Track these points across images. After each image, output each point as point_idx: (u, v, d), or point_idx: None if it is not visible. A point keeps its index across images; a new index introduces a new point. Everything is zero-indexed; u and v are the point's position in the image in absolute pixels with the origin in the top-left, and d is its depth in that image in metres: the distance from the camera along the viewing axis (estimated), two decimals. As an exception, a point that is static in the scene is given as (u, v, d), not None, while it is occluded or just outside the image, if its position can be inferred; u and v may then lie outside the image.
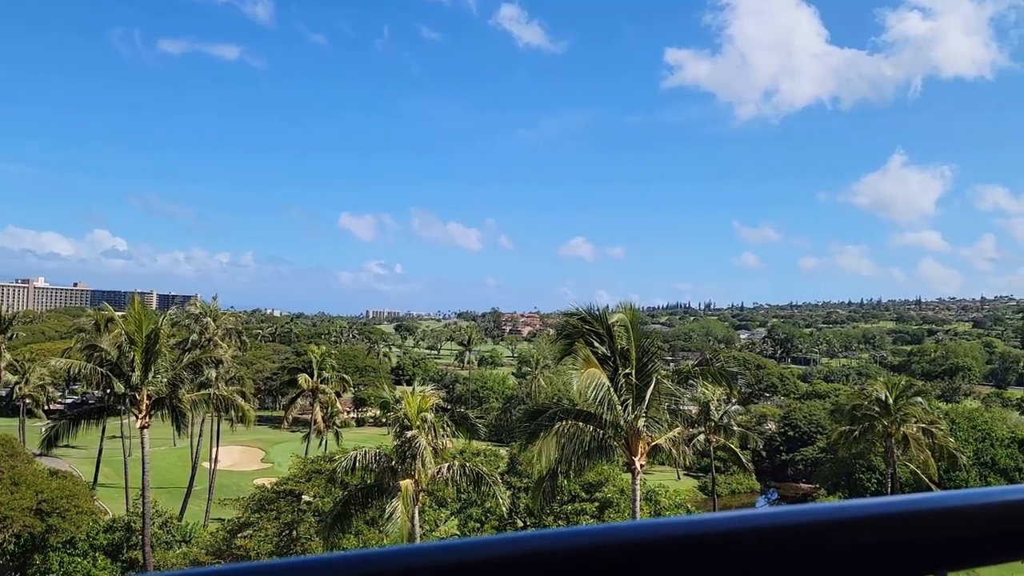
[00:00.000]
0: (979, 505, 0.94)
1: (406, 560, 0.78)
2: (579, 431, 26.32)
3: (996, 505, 0.94)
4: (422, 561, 0.78)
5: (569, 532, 0.84)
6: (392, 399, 28.75)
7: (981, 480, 70.18)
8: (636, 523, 0.84)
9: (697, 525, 0.85)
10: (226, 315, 69.97)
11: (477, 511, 40.53)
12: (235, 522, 39.34)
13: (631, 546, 0.81)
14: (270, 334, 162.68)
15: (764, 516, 0.87)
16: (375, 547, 24.49)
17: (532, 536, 0.83)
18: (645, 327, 32.21)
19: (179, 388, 37.79)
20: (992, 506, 0.94)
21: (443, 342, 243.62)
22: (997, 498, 0.95)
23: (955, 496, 0.93)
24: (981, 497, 0.95)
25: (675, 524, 0.85)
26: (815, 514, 0.86)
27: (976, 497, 0.95)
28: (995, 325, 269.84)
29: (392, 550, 0.79)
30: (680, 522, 0.85)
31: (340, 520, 27.28)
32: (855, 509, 0.89)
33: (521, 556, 0.80)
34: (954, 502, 0.92)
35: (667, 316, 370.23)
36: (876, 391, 52.67)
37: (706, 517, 0.86)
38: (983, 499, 0.95)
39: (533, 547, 0.81)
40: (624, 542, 0.81)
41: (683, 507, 41.86)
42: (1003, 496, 0.95)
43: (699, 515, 0.91)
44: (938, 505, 0.92)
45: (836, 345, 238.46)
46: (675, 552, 0.81)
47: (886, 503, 0.90)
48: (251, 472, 71.16)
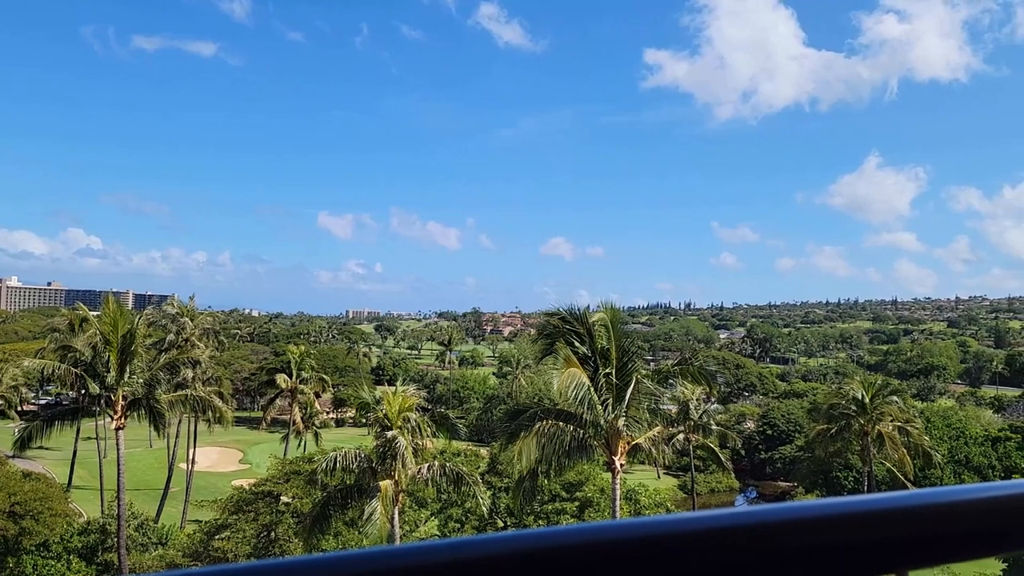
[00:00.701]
0: (939, 504, 0.93)
1: (403, 560, 0.77)
2: (559, 431, 26.31)
3: (955, 504, 0.94)
4: (419, 561, 0.77)
5: (547, 532, 0.83)
6: (371, 400, 28.55)
7: (955, 478, 71.16)
8: (602, 524, 0.84)
9: (657, 526, 0.83)
10: (203, 315, 69.30)
11: (457, 511, 40.44)
12: (212, 524, 38.93)
13: (597, 547, 0.80)
14: (248, 334, 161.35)
15: (724, 516, 0.86)
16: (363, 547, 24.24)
17: (520, 536, 0.82)
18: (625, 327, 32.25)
19: (155, 389, 37.38)
20: (951, 505, 0.94)
21: (423, 342, 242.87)
22: (956, 497, 0.95)
23: (915, 496, 0.93)
24: (941, 496, 0.94)
25: (635, 525, 0.83)
26: (775, 514, 0.86)
27: (936, 496, 0.94)
28: (969, 325, 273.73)
29: (387, 550, 0.79)
30: (639, 523, 0.84)
31: (319, 521, 27.08)
32: (814, 509, 0.89)
33: (510, 556, 0.79)
34: (914, 501, 0.92)
35: (648, 316, 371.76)
36: (853, 390, 53.24)
37: (664, 518, 0.85)
38: (943, 498, 0.94)
39: (521, 547, 0.80)
40: (588, 543, 0.80)
41: (663, 506, 42.07)
42: (962, 495, 0.95)
43: (656, 516, 0.89)
44: (898, 504, 0.91)
45: (814, 344, 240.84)
46: (636, 552, 0.80)
47: (846, 503, 0.90)
48: (229, 473, 70.51)
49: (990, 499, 0.96)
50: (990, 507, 0.95)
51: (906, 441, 50.97)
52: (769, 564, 0.83)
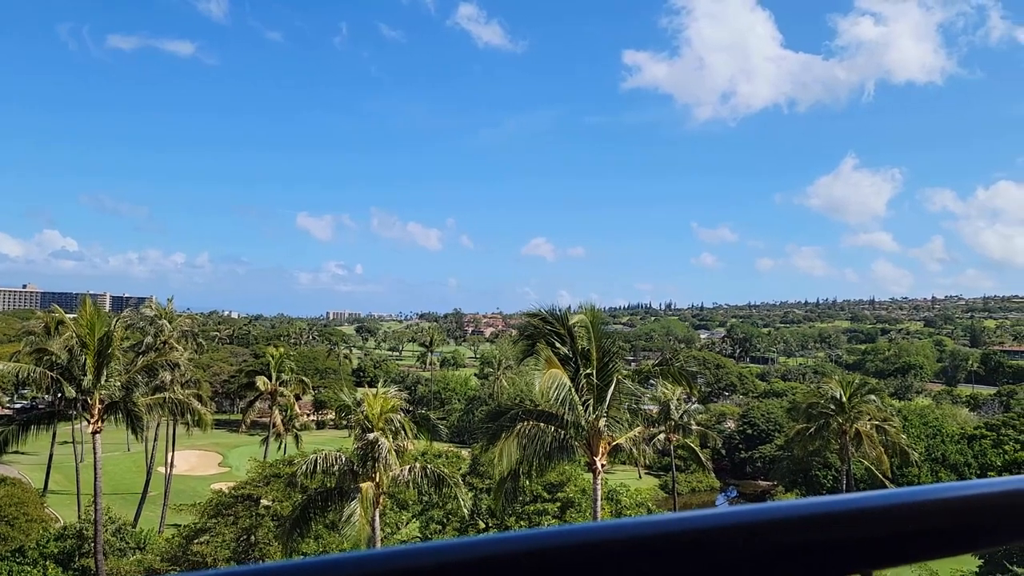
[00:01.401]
0: (901, 504, 0.93)
1: (400, 562, 0.76)
2: (540, 431, 26.35)
3: (917, 504, 0.94)
4: (417, 563, 0.76)
5: (530, 534, 0.82)
6: (352, 402, 28.43)
7: (933, 476, 72.09)
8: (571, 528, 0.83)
9: (620, 530, 0.83)
10: (182, 317, 68.64)
11: (439, 513, 40.36)
12: (191, 528, 38.60)
13: (562, 552, 0.80)
14: (228, 336, 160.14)
15: (693, 518, 0.86)
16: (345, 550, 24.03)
17: (507, 538, 0.81)
18: (606, 327, 32.37)
19: (133, 392, 36.99)
20: (913, 505, 0.94)
21: (405, 343, 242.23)
22: (918, 497, 0.95)
23: (878, 496, 0.93)
24: (903, 497, 0.94)
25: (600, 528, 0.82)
26: (739, 516, 0.85)
27: (898, 497, 0.94)
28: (945, 324, 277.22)
29: (387, 552, 0.77)
30: (603, 527, 0.83)
31: (299, 524, 26.92)
32: (775, 511, 0.88)
33: (516, 555, 0.78)
34: (876, 502, 0.92)
35: (628, 316, 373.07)
36: (831, 389, 53.79)
37: (625, 522, 0.84)
38: (905, 499, 0.94)
39: (506, 549, 0.79)
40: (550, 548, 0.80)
41: (644, 506, 42.23)
42: (924, 496, 0.95)
43: (619, 520, 0.89)
44: (860, 505, 0.91)
45: (793, 344, 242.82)
46: (590, 556, 0.79)
47: (809, 504, 0.90)
48: (208, 477, 69.95)
49: (951, 499, 0.96)
50: (950, 507, 0.95)
51: (884, 440, 51.58)
52: (735, 565, 0.83)
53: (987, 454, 70.32)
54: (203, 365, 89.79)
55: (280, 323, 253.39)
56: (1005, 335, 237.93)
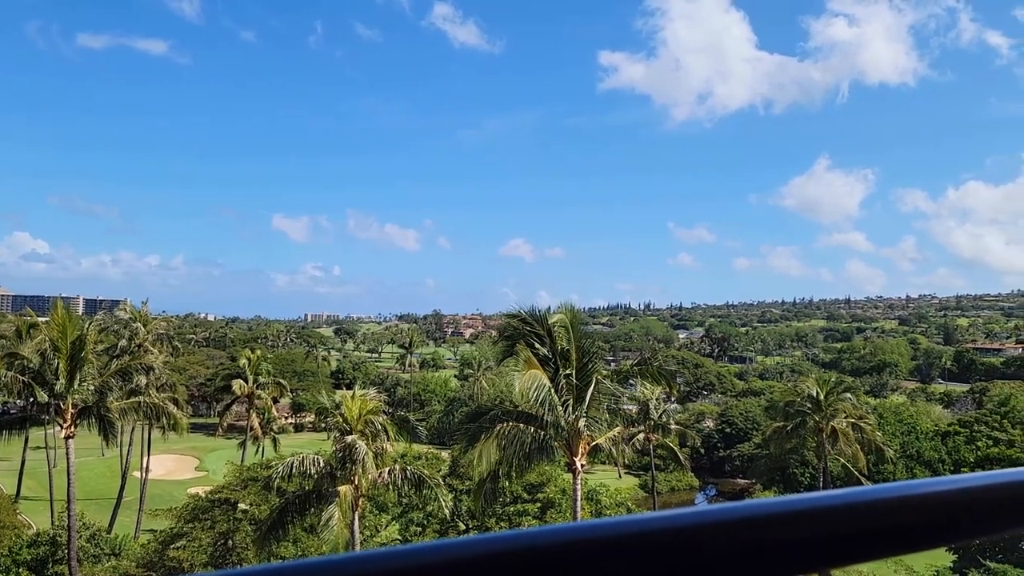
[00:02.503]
0: (855, 503, 0.93)
1: (399, 561, 0.75)
2: (520, 432, 26.30)
3: (871, 503, 0.94)
4: (417, 562, 0.75)
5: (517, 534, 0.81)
6: (330, 404, 28.21)
7: (907, 472, 72.97)
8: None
9: (573, 532, 0.82)
10: (157, 320, 67.85)
11: (418, 515, 40.20)
12: (168, 533, 38.14)
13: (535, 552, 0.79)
14: (204, 339, 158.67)
15: (649, 520, 0.86)
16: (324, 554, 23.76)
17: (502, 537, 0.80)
18: (586, 327, 32.41)
19: (107, 396, 36.47)
20: (867, 504, 0.94)
21: (384, 345, 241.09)
22: (871, 496, 0.95)
23: (832, 496, 0.93)
24: (857, 496, 0.94)
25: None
26: (689, 518, 0.86)
27: (852, 496, 0.94)
28: (919, 323, 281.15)
29: (390, 551, 0.77)
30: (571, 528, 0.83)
31: (276, 528, 26.66)
32: (724, 512, 0.88)
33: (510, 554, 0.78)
34: (830, 501, 0.92)
35: (608, 316, 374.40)
36: (808, 388, 54.30)
37: (578, 525, 0.84)
38: (859, 497, 0.94)
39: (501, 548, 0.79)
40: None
41: (624, 506, 42.33)
42: (876, 495, 0.95)
43: (581, 521, 0.90)
44: (815, 505, 0.91)
45: (770, 343, 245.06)
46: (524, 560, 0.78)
47: (762, 504, 0.90)
48: (185, 481, 69.19)
49: (906, 497, 0.96)
50: (905, 505, 0.95)
51: (859, 437, 52.17)
52: (685, 565, 0.83)
53: (960, 450, 71.30)
54: (179, 368, 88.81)
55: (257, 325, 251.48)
56: (977, 333, 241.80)
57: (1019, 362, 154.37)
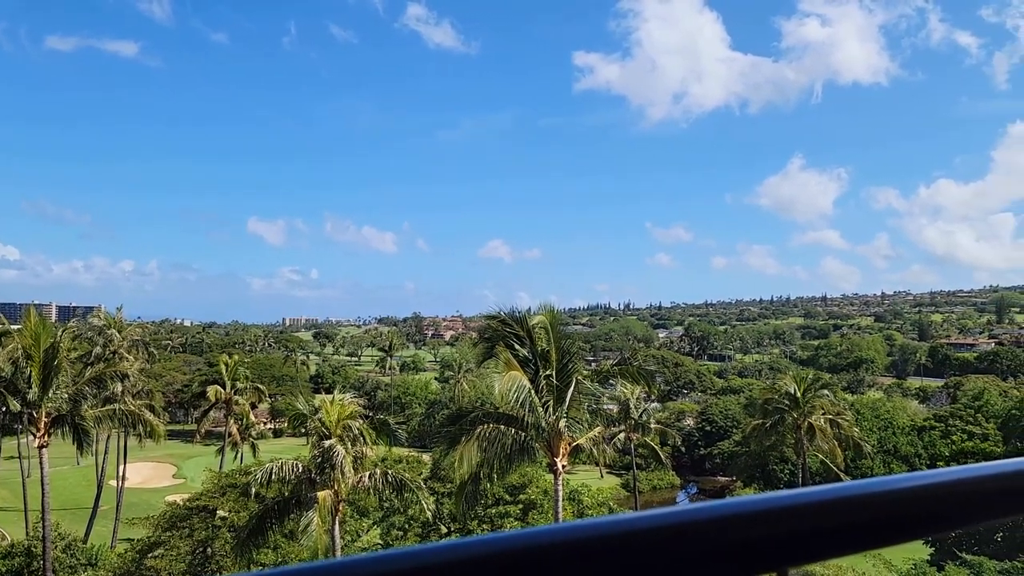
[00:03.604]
0: (812, 502, 0.93)
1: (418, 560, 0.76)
2: (501, 434, 26.26)
3: (830, 502, 0.94)
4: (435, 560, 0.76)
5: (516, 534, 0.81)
6: (307, 410, 27.97)
7: (885, 467, 73.82)
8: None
9: (534, 537, 0.82)
10: (132, 326, 66.99)
11: (400, 519, 39.99)
12: (145, 541, 37.64)
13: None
14: (180, 345, 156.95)
15: (619, 521, 0.86)
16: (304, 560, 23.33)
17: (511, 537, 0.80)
18: (566, 328, 32.46)
19: (81, 404, 35.96)
20: (826, 503, 0.94)
21: (364, 348, 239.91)
22: (830, 495, 0.95)
23: (787, 496, 0.93)
24: (815, 495, 0.94)
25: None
26: (652, 520, 0.86)
27: (809, 496, 0.94)
28: (894, 319, 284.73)
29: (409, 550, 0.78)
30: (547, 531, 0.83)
31: (255, 535, 26.40)
32: (683, 514, 0.88)
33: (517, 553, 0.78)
34: (786, 501, 0.92)
35: (588, 317, 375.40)
36: (786, 385, 54.74)
37: (566, 525, 0.84)
38: (817, 496, 0.94)
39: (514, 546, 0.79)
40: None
41: (605, 505, 42.41)
42: (836, 493, 0.95)
43: (551, 525, 0.89)
44: (770, 505, 0.91)
45: (749, 341, 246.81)
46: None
47: (720, 505, 0.90)
48: (162, 489, 68.36)
49: (872, 495, 0.97)
50: (867, 503, 0.96)
51: (837, 433, 52.65)
52: (652, 566, 0.83)
53: (936, 445, 72.31)
54: (155, 375, 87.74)
55: (235, 330, 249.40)
56: (951, 328, 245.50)
57: (992, 357, 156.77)
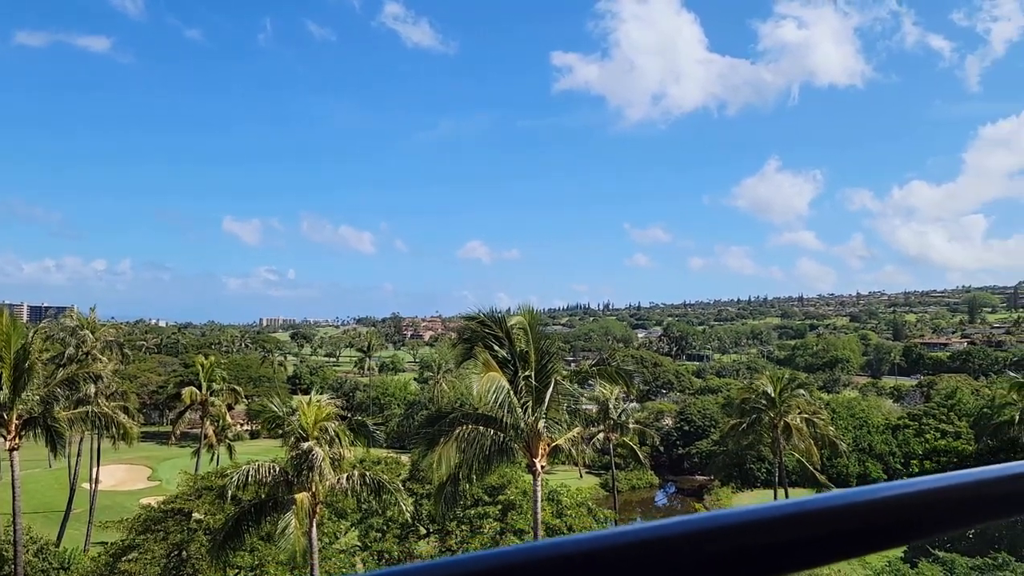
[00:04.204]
0: (782, 516, 0.93)
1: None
2: (480, 435, 26.21)
3: (799, 515, 0.94)
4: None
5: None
6: (282, 411, 27.67)
7: (860, 465, 74.67)
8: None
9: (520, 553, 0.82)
10: (106, 327, 66.06)
11: (379, 520, 39.79)
12: (119, 545, 37.12)
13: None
14: (155, 345, 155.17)
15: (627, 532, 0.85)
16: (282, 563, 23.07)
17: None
18: (545, 329, 32.43)
19: (53, 406, 35.38)
20: (794, 516, 0.93)
21: (342, 349, 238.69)
22: (800, 508, 0.94)
23: (773, 507, 0.93)
24: (784, 509, 0.94)
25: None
26: (624, 536, 0.85)
27: (779, 509, 0.94)
28: (869, 319, 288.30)
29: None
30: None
31: (231, 538, 26.12)
32: (662, 528, 0.87)
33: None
34: (762, 514, 0.92)
35: (568, 317, 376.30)
36: (762, 385, 55.17)
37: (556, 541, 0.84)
38: (787, 510, 0.94)
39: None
40: None
41: (584, 505, 42.42)
42: (806, 506, 0.95)
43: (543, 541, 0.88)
44: (746, 518, 0.91)
45: (727, 341, 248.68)
46: None
47: (698, 519, 0.90)
48: (137, 491, 67.54)
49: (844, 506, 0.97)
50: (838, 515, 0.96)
51: (813, 432, 53.15)
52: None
53: (910, 443, 73.23)
54: (129, 376, 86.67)
55: (211, 331, 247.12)
56: (925, 328, 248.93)
57: (964, 356, 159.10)
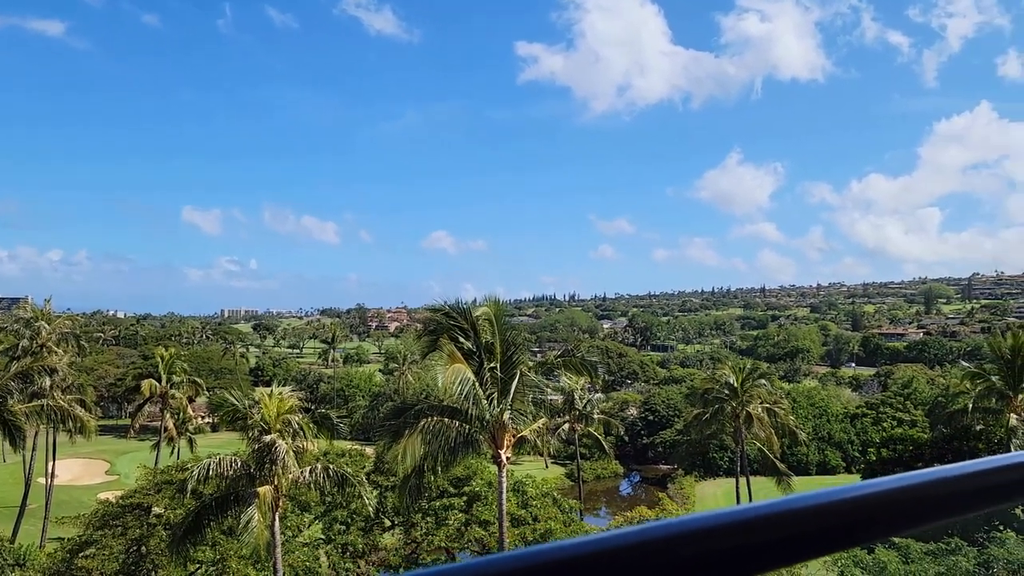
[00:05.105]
0: (752, 518, 0.93)
1: None
2: (445, 427, 26.12)
3: (765, 517, 0.94)
4: None
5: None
6: (242, 404, 27.24)
7: (820, 454, 76.15)
8: None
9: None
10: (61, 318, 64.49)
11: (343, 513, 39.52)
12: (76, 541, 36.33)
13: None
14: (113, 337, 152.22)
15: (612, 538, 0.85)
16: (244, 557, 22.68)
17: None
18: (511, 319, 32.47)
19: (7, 400, 34.50)
20: (761, 518, 0.94)
21: (306, 340, 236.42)
22: (771, 510, 0.95)
23: (749, 508, 0.94)
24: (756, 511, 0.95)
25: None
26: (609, 541, 0.85)
27: (751, 511, 0.94)
28: (829, 310, 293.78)
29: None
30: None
31: (192, 532, 25.71)
32: (670, 527, 0.88)
33: None
34: (746, 515, 0.93)
35: (534, 308, 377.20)
36: (725, 375, 55.85)
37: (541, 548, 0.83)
38: (765, 511, 0.94)
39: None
40: None
41: (549, 496, 42.58)
42: (776, 508, 0.96)
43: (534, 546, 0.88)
44: (735, 518, 0.92)
45: (691, 332, 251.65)
46: None
47: (692, 519, 0.91)
48: (94, 486, 66.21)
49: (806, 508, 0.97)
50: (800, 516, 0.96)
51: (774, 421, 53.99)
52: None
53: (868, 431, 74.84)
54: (87, 368, 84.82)
55: (171, 322, 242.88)
56: (882, 319, 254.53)
57: (920, 346, 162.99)
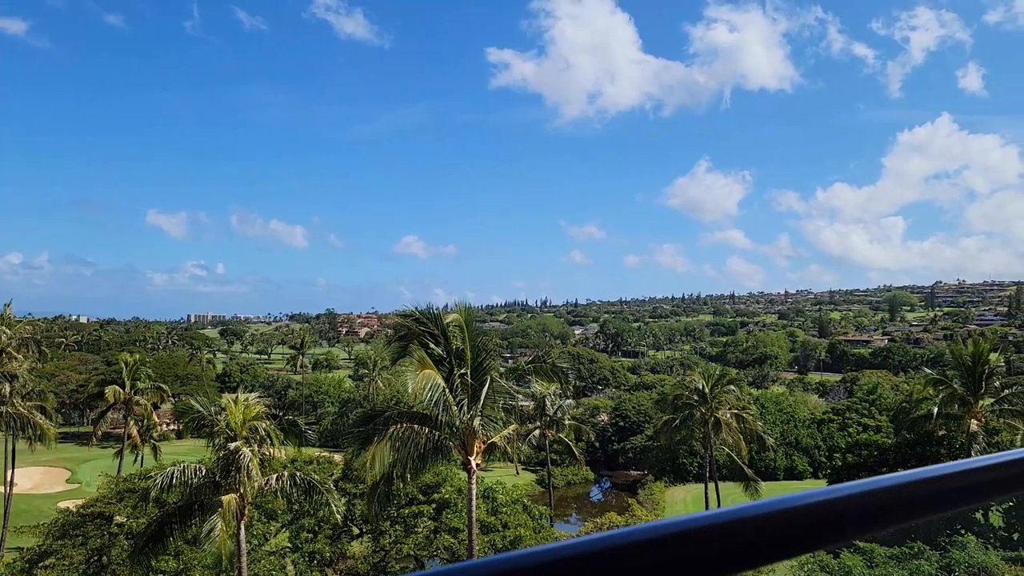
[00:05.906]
0: (727, 521, 0.95)
1: None
2: (415, 433, 25.88)
3: (740, 520, 0.95)
4: None
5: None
6: (210, 412, 26.74)
7: (787, 459, 76.92)
8: None
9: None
10: (21, 323, 62.97)
11: (310, 521, 38.99)
12: (35, 551, 35.37)
13: None
14: (76, 343, 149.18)
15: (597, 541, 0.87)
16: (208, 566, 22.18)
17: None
18: (482, 325, 32.29)
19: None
20: (736, 522, 0.95)
21: (274, 346, 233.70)
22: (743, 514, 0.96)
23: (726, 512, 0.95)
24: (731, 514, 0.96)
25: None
26: (561, 551, 0.85)
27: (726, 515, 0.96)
28: (797, 316, 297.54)
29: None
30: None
31: (154, 541, 25.14)
32: (648, 530, 0.89)
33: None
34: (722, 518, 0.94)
35: (505, 314, 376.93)
36: (695, 381, 56.20)
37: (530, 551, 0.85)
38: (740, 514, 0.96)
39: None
40: None
41: (519, 502, 42.46)
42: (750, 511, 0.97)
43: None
44: (714, 521, 0.93)
45: (661, 338, 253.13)
46: None
47: (672, 523, 0.91)
48: (54, 495, 64.60)
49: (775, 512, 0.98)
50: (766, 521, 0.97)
51: (742, 427, 54.42)
52: None
53: (834, 437, 75.81)
54: (47, 375, 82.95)
55: (136, 327, 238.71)
56: (848, 326, 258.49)
57: (885, 353, 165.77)
